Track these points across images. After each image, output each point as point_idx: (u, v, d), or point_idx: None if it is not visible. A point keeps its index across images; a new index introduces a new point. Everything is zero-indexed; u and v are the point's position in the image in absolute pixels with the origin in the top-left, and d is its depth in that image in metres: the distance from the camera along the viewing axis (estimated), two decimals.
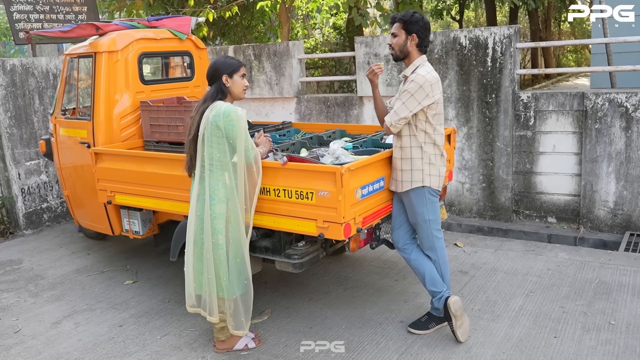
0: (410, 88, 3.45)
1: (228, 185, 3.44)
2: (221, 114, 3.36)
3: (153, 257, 5.57)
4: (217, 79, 3.49)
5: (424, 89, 3.43)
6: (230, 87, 3.50)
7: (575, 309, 4.09)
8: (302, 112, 7.22)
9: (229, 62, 3.51)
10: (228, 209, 3.44)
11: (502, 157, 5.88)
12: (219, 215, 3.42)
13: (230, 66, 3.49)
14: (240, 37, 12.32)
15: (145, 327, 4.20)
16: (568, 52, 22.04)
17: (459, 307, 3.66)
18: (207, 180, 3.43)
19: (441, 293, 3.71)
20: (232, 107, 3.41)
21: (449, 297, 3.67)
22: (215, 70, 3.50)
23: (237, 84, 3.51)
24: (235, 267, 3.50)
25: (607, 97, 5.31)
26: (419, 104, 3.45)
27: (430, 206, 3.65)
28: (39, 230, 6.85)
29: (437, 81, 3.53)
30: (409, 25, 3.54)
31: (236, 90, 3.52)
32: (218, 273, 3.47)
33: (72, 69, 5.39)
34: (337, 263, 5.21)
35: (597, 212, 5.51)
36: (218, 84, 3.50)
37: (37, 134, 6.80)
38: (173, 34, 5.40)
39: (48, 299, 4.82)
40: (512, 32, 5.69)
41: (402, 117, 3.49)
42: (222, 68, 3.48)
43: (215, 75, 3.50)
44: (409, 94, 3.45)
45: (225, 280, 3.47)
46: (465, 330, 3.71)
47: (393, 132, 3.59)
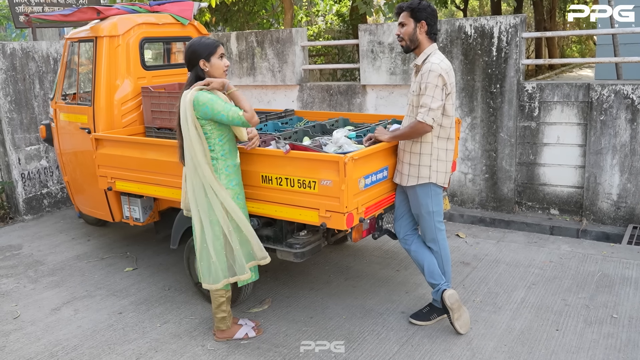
0: (431, 80, 3.37)
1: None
2: (189, 100, 3.27)
3: (153, 244, 5.55)
4: (194, 65, 3.37)
5: (442, 77, 3.37)
6: (209, 71, 3.37)
7: (578, 301, 4.07)
8: (305, 100, 7.17)
9: (205, 43, 3.36)
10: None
11: (505, 147, 5.84)
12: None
13: (206, 49, 3.34)
14: (242, 24, 12.22)
15: (145, 314, 4.18)
16: (572, 42, 21.90)
17: (455, 300, 3.64)
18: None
19: (439, 285, 3.70)
20: (199, 93, 3.28)
21: (445, 290, 3.65)
22: (191, 55, 3.36)
23: (215, 66, 3.37)
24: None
25: (613, 89, 5.25)
26: (444, 92, 3.40)
27: (435, 198, 3.62)
28: (39, 216, 6.83)
29: (451, 69, 3.47)
30: (416, 12, 3.47)
31: (216, 73, 3.38)
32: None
33: (73, 54, 5.33)
34: (339, 253, 5.19)
35: (600, 204, 5.47)
36: (195, 70, 3.38)
37: (38, 119, 6.75)
38: (175, 19, 5.34)
39: (47, 285, 4.80)
40: (518, 21, 5.61)
41: (437, 108, 3.38)
42: (198, 52, 3.34)
43: (192, 61, 3.36)
44: (433, 85, 3.37)
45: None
46: (465, 322, 3.69)
47: (434, 127, 3.44)
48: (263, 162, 3.64)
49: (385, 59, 6.36)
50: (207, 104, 3.26)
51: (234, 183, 3.48)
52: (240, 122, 3.30)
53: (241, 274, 3.51)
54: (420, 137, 3.52)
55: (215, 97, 3.28)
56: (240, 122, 3.29)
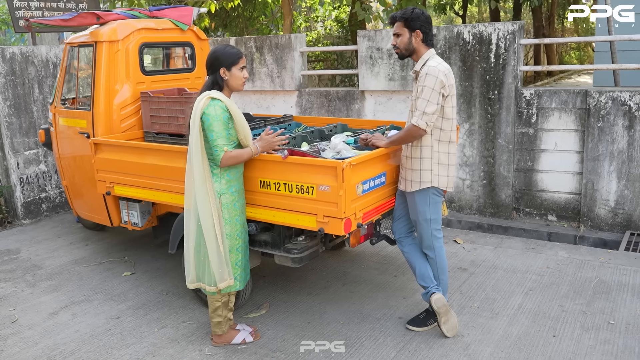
0: (428, 83, 3.39)
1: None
2: (202, 106, 3.33)
3: (151, 249, 5.56)
4: (215, 71, 3.43)
5: (440, 79, 3.39)
6: (228, 80, 3.43)
7: (575, 307, 4.08)
8: (303, 106, 7.19)
9: (229, 52, 3.42)
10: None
11: (503, 154, 5.86)
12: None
13: (229, 58, 3.40)
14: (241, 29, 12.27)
15: (143, 319, 4.19)
16: (571, 49, 21.98)
17: (442, 304, 3.65)
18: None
19: (429, 288, 3.72)
20: (213, 102, 3.34)
21: (434, 293, 3.67)
22: (214, 61, 3.42)
23: (235, 76, 3.44)
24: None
25: (610, 96, 5.28)
26: (441, 95, 3.41)
27: (433, 206, 3.64)
28: (37, 220, 6.83)
29: (449, 71, 3.49)
30: (410, 22, 3.49)
31: (234, 83, 3.45)
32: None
33: (72, 58, 5.36)
34: (336, 258, 5.20)
35: (597, 210, 5.49)
36: (215, 76, 3.44)
37: (37, 123, 6.77)
38: (174, 24, 5.36)
39: (45, 289, 4.81)
40: (517, 28, 5.65)
41: (432, 113, 3.40)
42: (221, 59, 3.40)
43: (213, 67, 3.43)
44: (429, 89, 3.38)
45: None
46: (452, 326, 3.70)
47: (427, 132, 3.46)
48: (261, 168, 3.66)
49: (384, 65, 6.39)
50: (210, 117, 3.32)
51: (233, 189, 3.49)
52: (215, 153, 3.35)
53: (222, 281, 3.51)
54: (418, 141, 3.54)
55: (219, 116, 3.32)
56: (215, 153, 3.35)
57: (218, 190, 3.43)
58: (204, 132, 3.36)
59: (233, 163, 3.42)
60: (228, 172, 3.46)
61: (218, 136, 3.33)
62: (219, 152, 3.35)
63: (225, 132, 3.36)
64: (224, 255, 3.47)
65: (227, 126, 3.37)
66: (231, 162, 3.40)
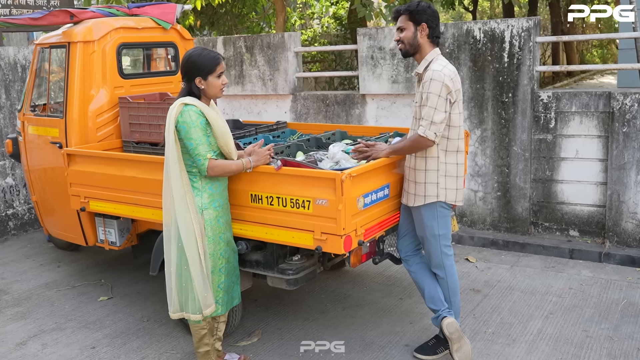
0: (433, 89, 3.41)
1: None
2: (175, 114, 3.36)
3: (131, 270, 5.55)
4: (190, 80, 3.45)
5: (446, 84, 3.41)
6: (205, 89, 3.46)
7: (600, 333, 4.08)
8: (299, 111, 7.23)
9: (205, 59, 3.42)
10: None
11: (519, 162, 5.89)
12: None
13: (205, 66, 3.41)
14: (230, 27, 12.35)
15: (121, 349, 4.18)
16: (593, 47, 22.13)
17: (455, 329, 3.65)
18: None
19: (439, 312, 3.72)
20: (186, 107, 3.36)
21: (445, 317, 3.67)
22: (189, 68, 3.43)
23: (212, 85, 3.45)
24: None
25: (636, 98, 5.32)
26: (448, 102, 3.43)
27: (441, 220, 3.64)
28: (4, 240, 6.82)
29: (456, 74, 3.52)
30: (416, 15, 3.53)
31: (211, 91, 3.47)
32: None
33: (43, 61, 5.38)
34: (336, 279, 5.20)
35: (624, 225, 5.51)
36: (189, 85, 3.46)
37: (3, 132, 6.78)
38: (156, 22, 5.39)
39: (12, 316, 4.79)
40: (532, 24, 5.70)
41: (440, 122, 3.42)
42: (197, 67, 3.41)
43: (188, 74, 3.44)
44: (435, 96, 3.41)
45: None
46: (465, 354, 3.68)
47: (436, 142, 3.47)
48: (252, 180, 3.67)
49: (387, 66, 6.43)
50: (186, 124, 3.34)
51: (216, 204, 3.50)
52: (199, 163, 3.37)
53: (207, 307, 3.50)
54: (423, 151, 3.56)
55: (195, 122, 3.34)
56: (199, 163, 3.37)
57: (200, 205, 3.43)
58: (182, 142, 3.38)
59: (220, 172, 3.44)
60: (210, 185, 3.47)
61: (198, 143, 3.35)
62: (202, 161, 3.37)
63: (205, 138, 3.38)
64: (209, 276, 3.47)
65: (206, 132, 3.39)
66: (218, 170, 3.42)
